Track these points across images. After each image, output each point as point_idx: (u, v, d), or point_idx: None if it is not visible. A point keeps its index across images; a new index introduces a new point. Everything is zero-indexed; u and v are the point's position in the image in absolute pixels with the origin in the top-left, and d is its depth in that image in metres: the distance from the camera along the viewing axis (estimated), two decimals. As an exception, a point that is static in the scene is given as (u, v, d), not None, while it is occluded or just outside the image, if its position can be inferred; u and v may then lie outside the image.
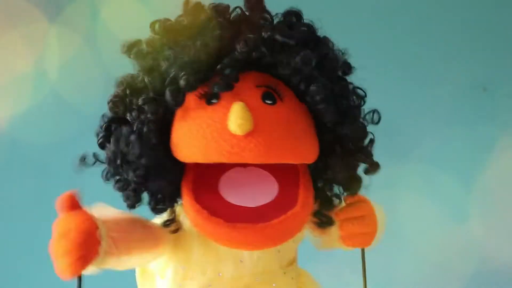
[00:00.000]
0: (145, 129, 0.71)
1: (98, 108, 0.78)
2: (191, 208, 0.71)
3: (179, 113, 0.73)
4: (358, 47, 0.78)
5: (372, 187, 0.85)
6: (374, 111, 0.78)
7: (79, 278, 0.69)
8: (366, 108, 0.80)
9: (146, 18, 0.77)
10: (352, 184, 0.79)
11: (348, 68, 0.77)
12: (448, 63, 1.49)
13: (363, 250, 0.83)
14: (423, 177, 1.44)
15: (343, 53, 0.78)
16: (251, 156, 0.67)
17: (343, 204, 0.82)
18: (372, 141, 0.78)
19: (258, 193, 0.72)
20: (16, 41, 1.43)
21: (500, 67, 1.50)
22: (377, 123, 0.79)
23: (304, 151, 0.71)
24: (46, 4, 1.42)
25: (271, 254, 0.80)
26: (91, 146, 0.77)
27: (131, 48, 0.75)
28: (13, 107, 1.42)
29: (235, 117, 0.67)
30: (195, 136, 0.69)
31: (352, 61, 0.80)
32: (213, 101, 0.71)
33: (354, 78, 0.80)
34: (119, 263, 0.73)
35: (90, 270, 0.70)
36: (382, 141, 0.79)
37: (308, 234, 0.86)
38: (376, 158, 0.80)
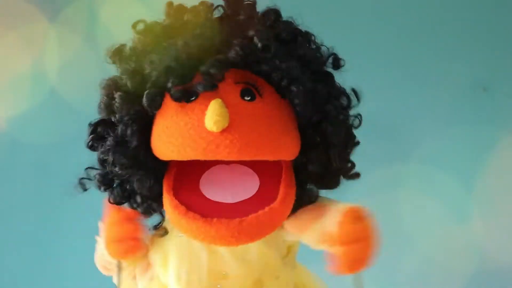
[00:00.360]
0: (128, 131, 0.72)
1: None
2: (169, 203, 0.71)
3: (159, 112, 0.73)
4: (358, 47, 0.79)
5: (373, 187, 0.85)
6: (358, 115, 0.78)
7: (119, 266, 0.78)
8: (365, 108, 0.80)
9: (146, 19, 0.77)
10: (332, 179, 0.78)
11: (336, 61, 0.77)
12: (448, 63, 1.49)
13: (359, 274, 0.77)
14: (423, 177, 1.43)
15: (329, 48, 0.78)
16: (227, 153, 0.67)
17: (336, 218, 0.75)
18: (355, 143, 0.78)
19: (239, 189, 0.72)
20: (15, 41, 1.43)
21: (500, 67, 1.50)
22: (357, 127, 0.78)
23: (282, 147, 0.71)
24: (45, 4, 1.42)
25: (270, 249, 0.79)
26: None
27: (116, 54, 0.76)
28: (13, 107, 1.42)
29: (212, 114, 0.67)
30: (172, 133, 0.70)
31: (352, 61, 0.80)
32: (192, 99, 0.71)
33: (354, 78, 0.80)
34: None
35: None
36: (383, 141, 0.79)
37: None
38: (376, 158, 0.80)
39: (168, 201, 0.72)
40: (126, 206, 0.78)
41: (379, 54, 1.45)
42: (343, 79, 0.79)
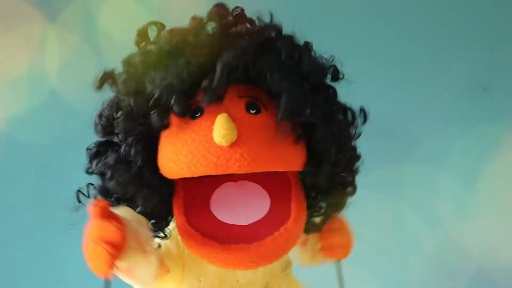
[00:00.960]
0: (132, 152, 0.72)
1: (98, 109, 0.79)
2: (183, 230, 0.71)
3: (164, 130, 0.73)
4: (358, 48, 0.78)
5: (373, 187, 0.85)
6: (359, 133, 0.79)
7: (107, 281, 0.70)
8: (365, 108, 0.80)
9: (144, 19, 0.77)
10: (334, 198, 0.78)
11: (336, 73, 0.77)
12: (448, 63, 1.49)
13: (339, 263, 0.83)
14: (423, 177, 1.43)
15: (329, 60, 0.77)
16: (237, 166, 0.67)
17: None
18: (357, 158, 0.78)
19: (250, 209, 0.72)
20: (14, 41, 1.43)
21: (500, 67, 1.50)
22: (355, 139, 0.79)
23: (290, 157, 0.71)
24: (44, 4, 1.42)
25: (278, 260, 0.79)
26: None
27: (111, 77, 0.75)
28: (12, 107, 1.42)
29: (219, 128, 0.67)
30: (180, 151, 0.69)
31: (352, 61, 0.80)
32: (197, 115, 0.71)
33: (354, 78, 0.80)
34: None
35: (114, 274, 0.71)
36: (383, 141, 0.79)
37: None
38: (376, 158, 0.80)
39: (182, 227, 0.72)
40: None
41: (379, 54, 1.45)
42: (343, 79, 0.79)
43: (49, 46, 1.40)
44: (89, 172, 0.77)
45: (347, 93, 0.80)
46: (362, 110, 0.79)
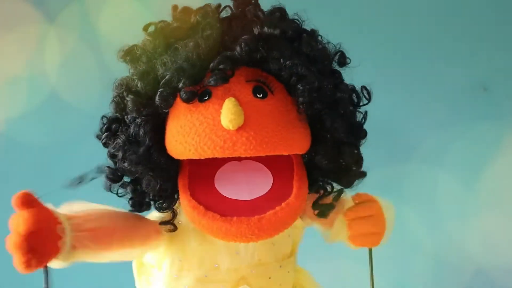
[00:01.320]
0: (141, 132, 0.73)
1: (97, 109, 0.79)
2: (187, 204, 0.73)
3: (172, 112, 0.75)
4: (358, 47, 0.79)
5: (374, 187, 0.85)
6: (363, 112, 0.80)
7: (46, 271, 0.74)
8: (365, 108, 0.80)
9: (143, 19, 0.77)
10: (343, 176, 0.79)
11: (342, 58, 0.79)
12: (448, 63, 1.49)
13: (370, 250, 0.84)
14: (423, 177, 1.43)
15: (336, 46, 0.79)
16: (244, 150, 0.69)
17: (352, 203, 0.84)
18: (363, 135, 0.80)
19: (253, 186, 0.74)
20: (14, 41, 1.43)
21: (500, 67, 1.50)
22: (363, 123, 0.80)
23: (295, 142, 0.73)
24: (44, 4, 1.42)
25: (266, 247, 0.81)
26: (90, 147, 0.77)
27: (127, 54, 0.77)
28: (12, 108, 1.42)
29: (227, 112, 0.69)
30: (188, 133, 0.71)
31: (352, 61, 0.80)
32: (205, 98, 0.72)
33: (354, 78, 0.80)
34: (98, 257, 0.76)
35: (57, 264, 0.74)
36: (383, 141, 0.79)
37: (315, 230, 0.87)
38: (377, 158, 0.80)
39: (186, 201, 0.73)
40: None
41: (379, 54, 1.45)
42: (371, 93, 0.81)
43: (48, 46, 1.40)
44: (98, 137, 0.78)
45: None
46: (365, 88, 0.80)
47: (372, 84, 0.80)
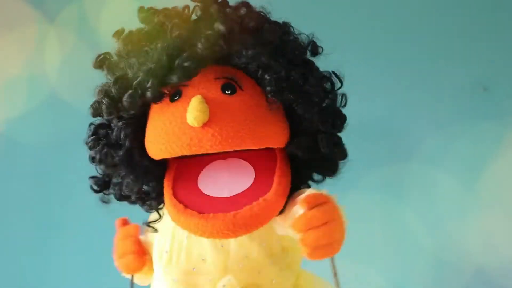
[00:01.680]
0: (121, 135, 0.76)
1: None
2: (169, 202, 0.75)
3: (149, 114, 0.77)
4: (357, 47, 0.78)
5: (374, 187, 0.84)
6: (343, 95, 0.79)
7: (132, 279, 0.84)
8: (365, 108, 0.80)
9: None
10: (325, 166, 0.79)
11: (314, 48, 0.79)
12: (448, 63, 1.49)
13: (332, 258, 0.76)
14: (423, 177, 1.43)
15: (308, 36, 0.79)
16: (209, 146, 0.70)
17: (300, 209, 0.73)
18: (342, 120, 0.79)
19: (235, 183, 0.74)
20: (13, 42, 1.43)
21: (500, 67, 1.50)
22: (344, 106, 0.80)
23: (265, 135, 0.73)
24: (44, 5, 1.41)
25: (254, 244, 0.79)
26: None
27: (100, 62, 0.79)
28: (11, 108, 1.42)
29: (192, 109, 0.70)
30: (159, 133, 0.73)
31: (352, 61, 0.80)
32: (176, 98, 0.74)
33: (353, 78, 0.80)
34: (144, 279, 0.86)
35: (138, 278, 0.85)
36: (383, 141, 0.78)
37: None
38: (377, 158, 0.80)
39: (168, 200, 0.75)
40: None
41: (379, 54, 1.45)
42: (342, 78, 0.79)
43: (48, 47, 1.40)
44: (87, 144, 0.80)
45: (347, 93, 0.80)
46: (334, 73, 0.79)
47: (372, 84, 0.80)
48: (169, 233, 0.81)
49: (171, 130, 0.71)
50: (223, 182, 0.75)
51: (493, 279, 1.45)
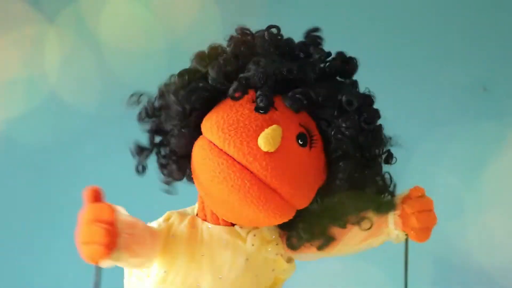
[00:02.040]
0: (193, 98, 0.77)
1: (96, 109, 0.79)
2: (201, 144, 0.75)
3: (222, 102, 0.78)
4: (357, 47, 0.78)
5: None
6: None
7: (98, 267, 0.71)
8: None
9: (143, 19, 0.77)
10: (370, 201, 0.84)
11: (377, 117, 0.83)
12: (448, 63, 1.49)
13: (407, 242, 0.87)
14: (423, 177, 1.43)
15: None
16: (252, 164, 0.71)
17: (408, 194, 0.87)
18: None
19: None
20: (13, 42, 1.43)
21: (500, 67, 1.50)
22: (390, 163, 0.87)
23: (303, 197, 0.75)
24: (43, 5, 1.41)
25: (250, 276, 0.80)
26: (89, 147, 0.78)
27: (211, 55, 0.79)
28: (11, 108, 1.42)
29: (268, 133, 0.72)
30: (230, 123, 0.74)
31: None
32: (261, 111, 0.75)
33: (354, 78, 0.80)
34: (128, 262, 0.76)
35: (105, 263, 0.71)
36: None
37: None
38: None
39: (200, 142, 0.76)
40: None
41: (379, 54, 1.45)
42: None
43: (47, 47, 1.40)
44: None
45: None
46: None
47: (371, 84, 0.80)
48: (172, 251, 0.79)
49: (242, 132, 0.73)
50: None
51: (493, 279, 1.45)
